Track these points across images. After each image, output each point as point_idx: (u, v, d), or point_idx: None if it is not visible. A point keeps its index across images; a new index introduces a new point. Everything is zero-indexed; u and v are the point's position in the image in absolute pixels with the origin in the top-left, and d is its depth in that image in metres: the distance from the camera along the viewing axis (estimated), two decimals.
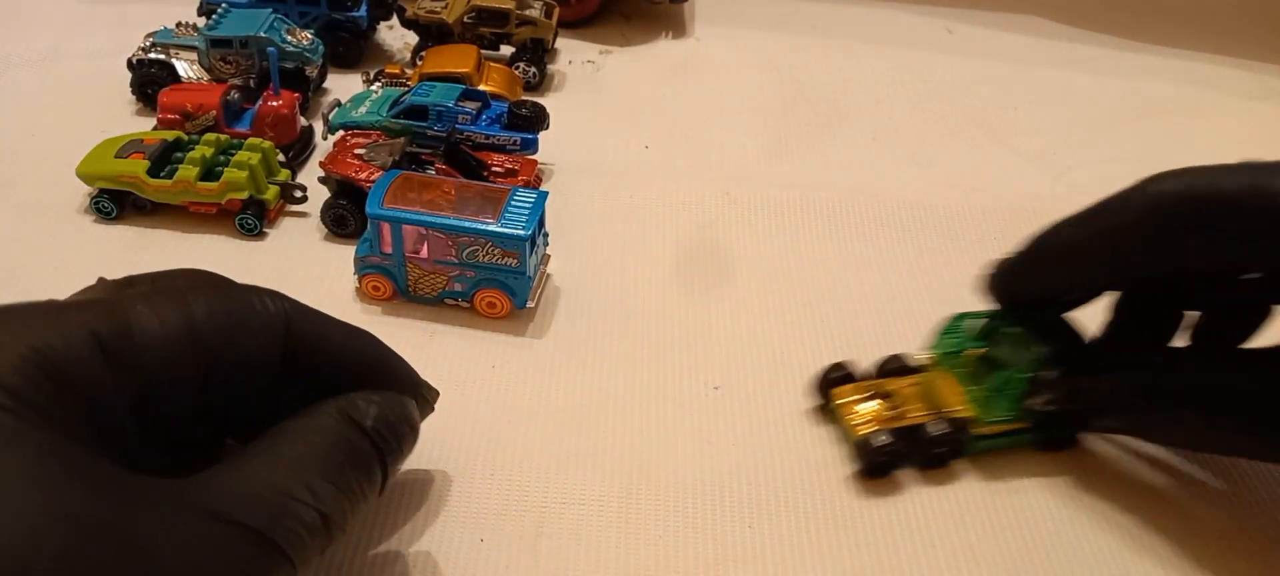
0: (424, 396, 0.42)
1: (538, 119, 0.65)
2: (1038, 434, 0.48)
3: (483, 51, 0.75)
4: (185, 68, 0.71)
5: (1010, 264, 0.47)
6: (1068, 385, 0.45)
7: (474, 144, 0.64)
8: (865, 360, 0.53)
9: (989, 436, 0.47)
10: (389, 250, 0.54)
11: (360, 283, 0.56)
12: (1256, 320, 0.45)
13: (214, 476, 0.32)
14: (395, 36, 0.82)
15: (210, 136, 0.62)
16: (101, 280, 0.38)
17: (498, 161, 0.64)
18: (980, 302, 0.49)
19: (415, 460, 0.45)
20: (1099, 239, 0.43)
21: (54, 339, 0.30)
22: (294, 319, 0.37)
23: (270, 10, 0.72)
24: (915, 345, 0.55)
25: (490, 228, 0.52)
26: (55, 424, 0.29)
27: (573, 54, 0.82)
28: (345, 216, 0.60)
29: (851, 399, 0.48)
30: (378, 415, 0.37)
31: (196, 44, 0.71)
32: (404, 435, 0.38)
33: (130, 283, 0.38)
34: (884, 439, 0.46)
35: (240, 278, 0.45)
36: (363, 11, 0.77)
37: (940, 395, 0.47)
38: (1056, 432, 0.48)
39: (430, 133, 0.63)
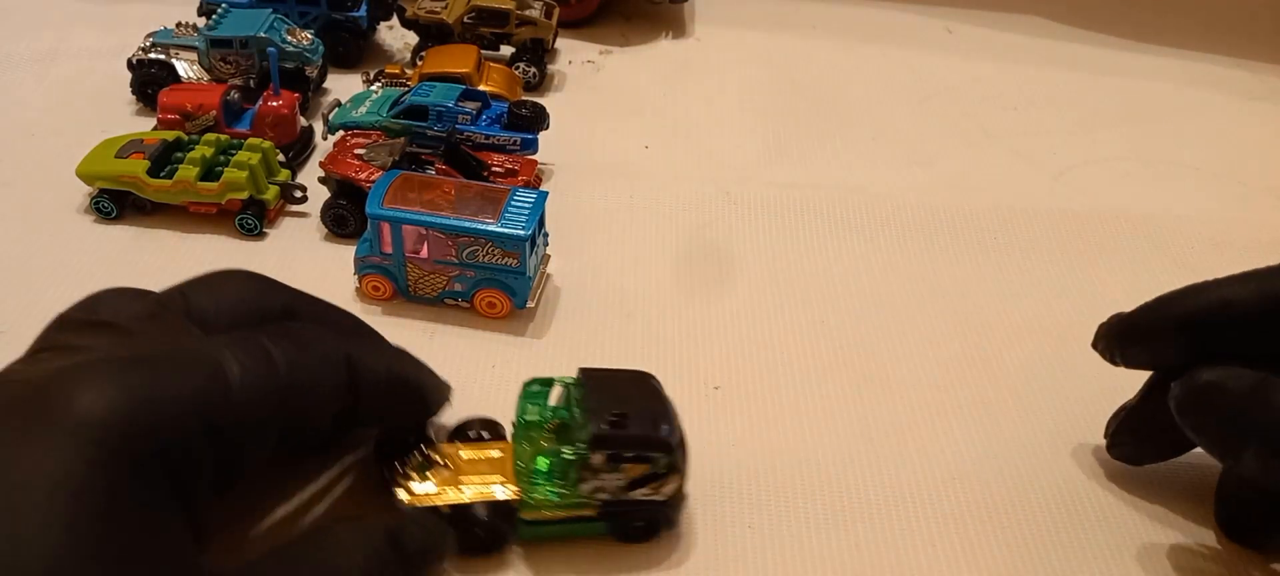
0: (446, 398, 0.43)
1: (538, 119, 0.65)
2: (611, 524, 0.42)
3: (483, 51, 0.75)
4: (185, 68, 0.71)
5: (1132, 320, 0.44)
6: None
7: (474, 144, 0.64)
8: (862, 360, 0.53)
9: (545, 522, 0.41)
10: (389, 250, 0.54)
11: (360, 283, 0.56)
12: None
13: (259, 572, 0.33)
14: (395, 36, 0.82)
15: (210, 136, 0.62)
16: (152, 296, 0.37)
17: (498, 161, 0.64)
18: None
19: None
20: (1269, 302, 0.40)
21: (155, 404, 0.30)
22: (354, 362, 0.37)
23: (270, 10, 0.72)
24: (908, 342, 0.55)
25: (490, 228, 0.52)
26: (140, 489, 0.29)
27: (573, 54, 0.82)
28: (345, 216, 0.60)
29: (416, 469, 0.41)
30: (421, 545, 0.37)
31: (196, 44, 0.71)
32: (436, 565, 0.39)
33: (185, 294, 0.38)
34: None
35: None
36: (363, 11, 0.77)
37: (500, 472, 0.42)
38: (632, 523, 0.42)
39: (430, 133, 0.63)
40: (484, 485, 0.41)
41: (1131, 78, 0.83)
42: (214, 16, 0.72)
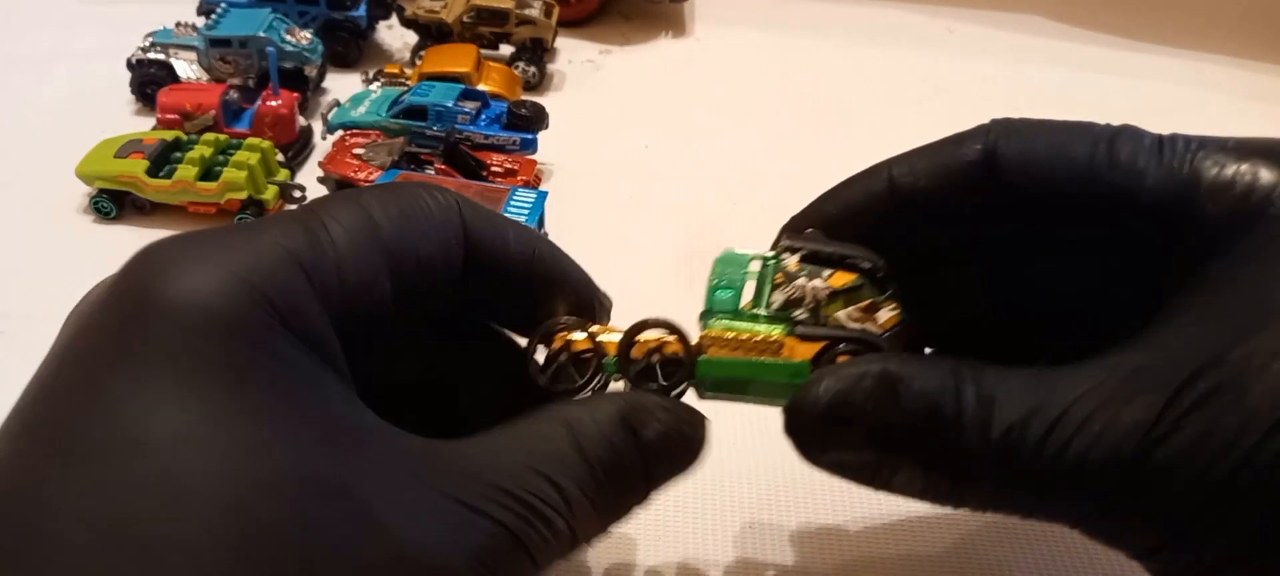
0: (601, 303, 0.38)
1: (537, 119, 0.65)
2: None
3: (482, 51, 0.75)
4: (184, 68, 0.71)
5: (793, 224, 0.41)
6: None
7: (473, 144, 0.64)
8: None
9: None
10: None
11: None
12: None
13: (463, 452, 0.28)
14: (394, 36, 0.82)
15: (209, 136, 0.62)
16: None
17: (497, 161, 0.64)
18: None
19: None
20: (953, 176, 0.39)
21: (253, 261, 0.27)
22: (463, 205, 0.33)
23: (269, 10, 0.72)
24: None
25: None
26: (276, 357, 0.26)
27: (573, 54, 0.82)
28: None
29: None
30: (661, 430, 0.32)
31: (196, 44, 0.71)
32: (682, 459, 0.33)
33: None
34: None
35: None
36: (362, 11, 0.77)
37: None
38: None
39: (429, 132, 0.63)
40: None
41: (1131, 78, 0.83)
42: (213, 16, 0.72)
